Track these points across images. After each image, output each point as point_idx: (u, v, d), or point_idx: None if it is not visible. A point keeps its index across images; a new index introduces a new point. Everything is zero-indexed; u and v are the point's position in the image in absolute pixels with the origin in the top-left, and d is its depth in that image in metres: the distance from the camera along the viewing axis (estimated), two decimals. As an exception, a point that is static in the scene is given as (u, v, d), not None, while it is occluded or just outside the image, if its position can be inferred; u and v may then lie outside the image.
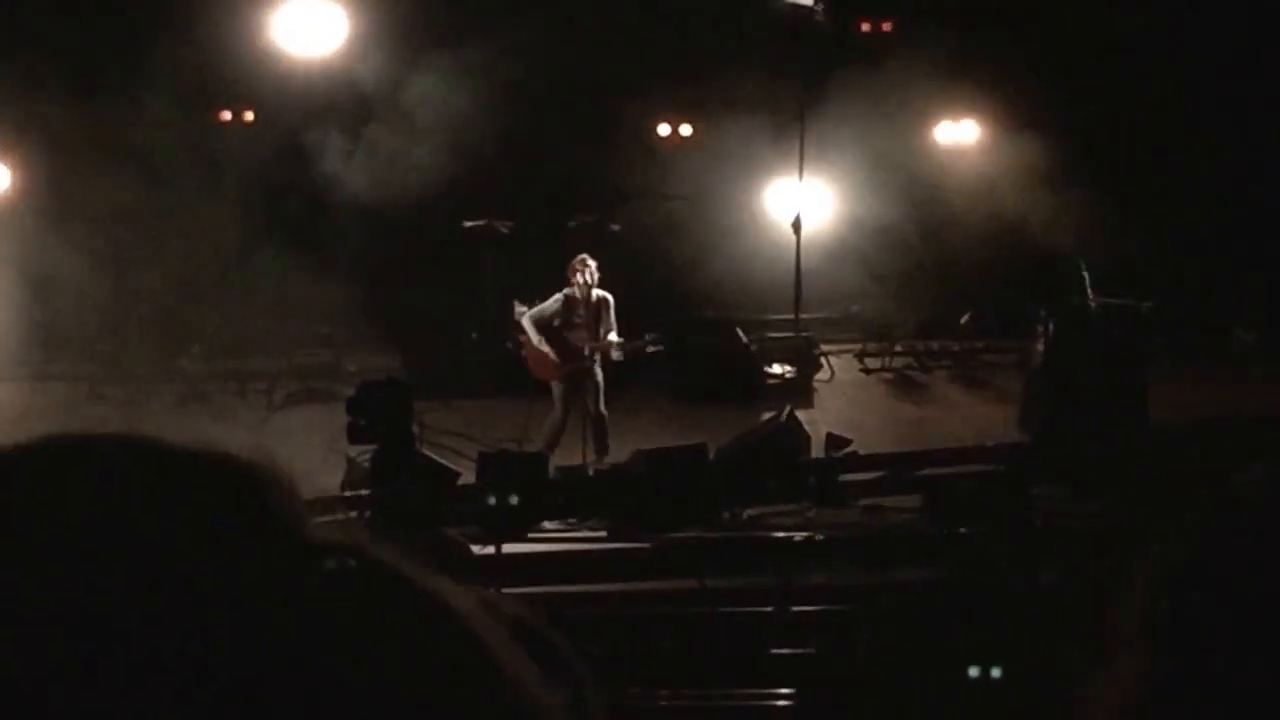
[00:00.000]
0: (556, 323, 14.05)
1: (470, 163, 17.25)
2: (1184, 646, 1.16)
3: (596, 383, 14.06)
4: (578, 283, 14.02)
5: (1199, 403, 14.31)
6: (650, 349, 14.35)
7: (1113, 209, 16.21)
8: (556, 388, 14.16)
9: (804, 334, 17.21)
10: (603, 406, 14.11)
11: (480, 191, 17.48)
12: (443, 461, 13.56)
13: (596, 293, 14.03)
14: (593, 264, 14.09)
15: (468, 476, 13.30)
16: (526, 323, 14.17)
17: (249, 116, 18.69)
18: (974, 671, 7.05)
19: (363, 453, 12.90)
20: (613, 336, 14.06)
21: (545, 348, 14.04)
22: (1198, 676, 1.14)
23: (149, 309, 17.03)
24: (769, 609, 9.97)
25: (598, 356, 14.10)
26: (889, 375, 17.26)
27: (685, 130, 19.23)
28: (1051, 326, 14.01)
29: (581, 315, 14.02)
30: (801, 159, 16.69)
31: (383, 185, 17.49)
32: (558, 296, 14.12)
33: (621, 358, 14.24)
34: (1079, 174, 16.74)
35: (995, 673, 7.08)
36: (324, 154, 17.59)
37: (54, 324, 16.70)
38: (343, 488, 12.56)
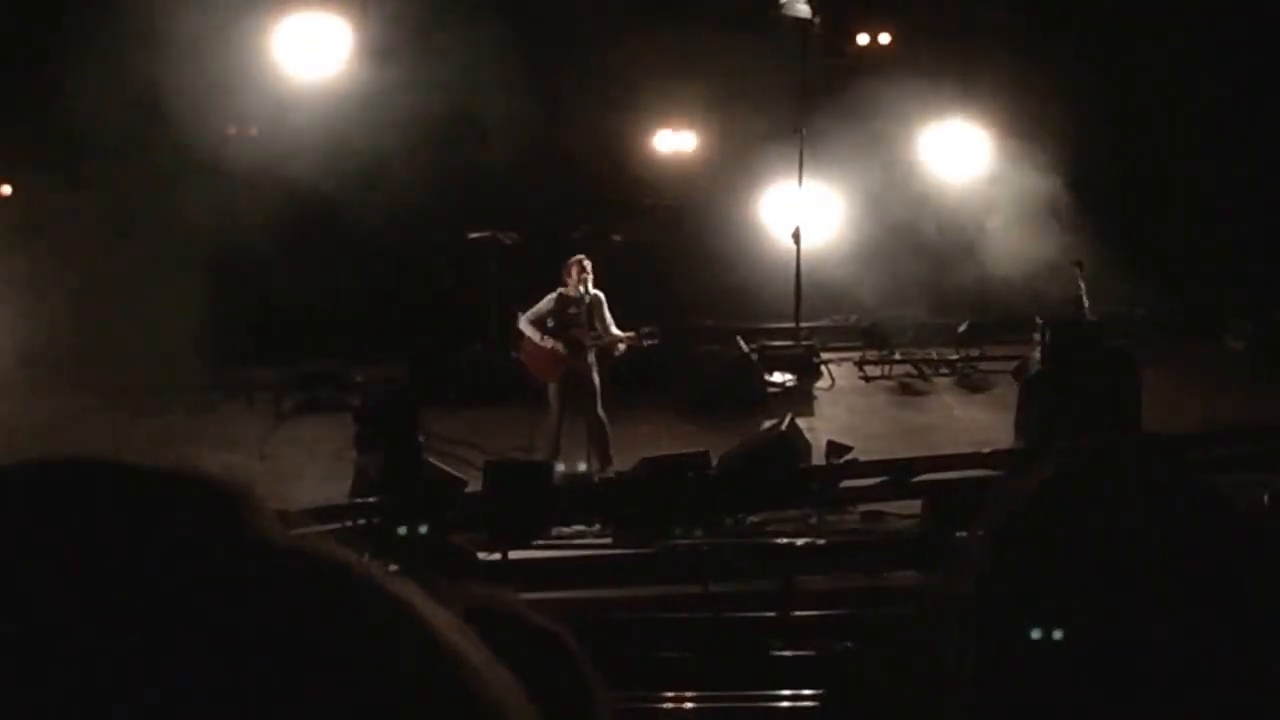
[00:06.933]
0: (551, 323, 14.05)
1: (474, 173, 17.42)
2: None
3: (595, 387, 14.12)
4: (572, 282, 14.09)
5: (1191, 407, 14.49)
6: (647, 342, 14.45)
7: (1107, 218, 16.40)
8: (553, 388, 14.16)
9: (804, 342, 17.36)
10: (601, 411, 14.16)
11: (484, 203, 17.62)
12: (449, 469, 13.68)
13: (591, 292, 14.09)
14: (588, 264, 14.13)
15: (474, 484, 13.46)
16: (525, 325, 14.23)
17: (254, 131, 18.83)
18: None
19: (370, 461, 13.02)
20: (615, 330, 14.15)
21: (548, 343, 14.01)
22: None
23: (155, 319, 17.14)
24: (771, 613, 10.11)
25: (595, 360, 14.16)
26: (889, 383, 17.39)
27: (687, 140, 19.33)
28: (1048, 334, 14.14)
29: (575, 314, 14.05)
30: (801, 168, 16.85)
31: (389, 196, 17.66)
32: (550, 296, 14.14)
33: (622, 351, 14.31)
34: (1073, 178, 16.93)
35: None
36: (329, 166, 17.75)
37: (60, 335, 16.78)
38: (350, 495, 12.68)
